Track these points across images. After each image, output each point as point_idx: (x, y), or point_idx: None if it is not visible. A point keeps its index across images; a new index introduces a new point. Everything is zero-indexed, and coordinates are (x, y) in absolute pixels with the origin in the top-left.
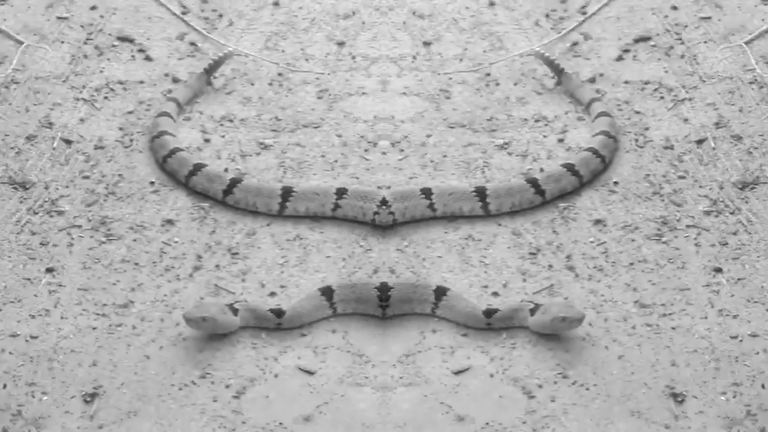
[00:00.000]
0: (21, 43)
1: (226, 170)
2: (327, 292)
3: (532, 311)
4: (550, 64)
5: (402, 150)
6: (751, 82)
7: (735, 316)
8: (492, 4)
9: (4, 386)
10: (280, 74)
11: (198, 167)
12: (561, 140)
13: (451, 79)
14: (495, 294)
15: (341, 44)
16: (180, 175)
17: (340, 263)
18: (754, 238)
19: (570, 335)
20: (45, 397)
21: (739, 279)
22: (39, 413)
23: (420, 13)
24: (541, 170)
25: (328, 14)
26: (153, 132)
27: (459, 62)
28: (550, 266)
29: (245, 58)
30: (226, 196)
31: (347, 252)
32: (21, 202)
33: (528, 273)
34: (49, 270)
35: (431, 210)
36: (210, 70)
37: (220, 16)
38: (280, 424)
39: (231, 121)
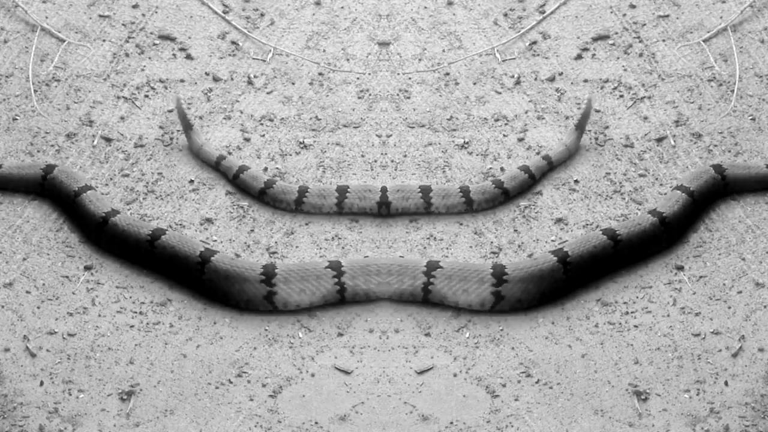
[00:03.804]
0: (62, 40)
1: (272, 174)
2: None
3: None
4: (586, 115)
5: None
6: (710, 80)
7: (697, 314)
8: (450, 3)
9: (41, 384)
10: (320, 74)
11: (303, 190)
12: (521, 139)
13: (410, 78)
14: None
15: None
16: (288, 200)
17: None
18: (715, 235)
19: (533, 334)
20: (82, 395)
21: (700, 277)
22: (75, 411)
23: (380, 12)
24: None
25: (369, 14)
26: (233, 170)
27: (418, 62)
28: None
29: (286, 58)
30: (340, 209)
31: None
32: None
33: None
34: (88, 268)
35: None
36: (186, 127)
37: (262, 15)
38: (316, 423)
39: (271, 120)
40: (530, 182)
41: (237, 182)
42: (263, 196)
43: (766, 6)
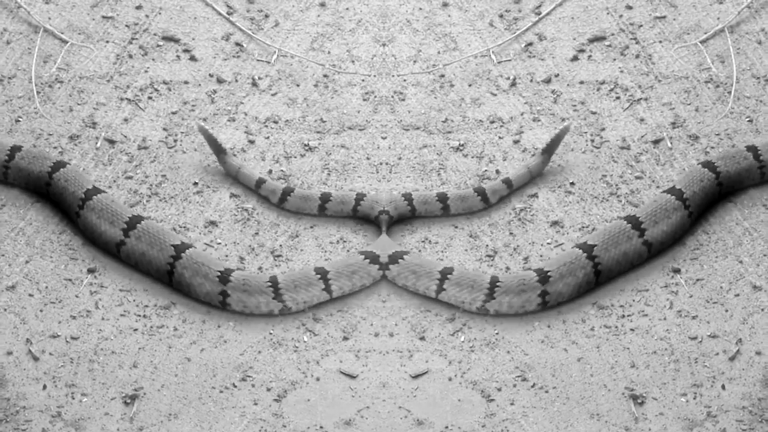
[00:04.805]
0: (65, 42)
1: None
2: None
3: None
4: (557, 141)
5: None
6: (706, 82)
7: (694, 317)
8: (446, 5)
9: (44, 387)
10: (325, 76)
11: (360, 197)
12: (516, 141)
13: (405, 80)
14: None
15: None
16: (346, 209)
17: None
18: (712, 238)
19: (529, 338)
20: (85, 399)
21: (697, 280)
22: (79, 414)
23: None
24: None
25: (374, 15)
26: (277, 193)
27: (413, 64)
28: (508, 268)
29: (291, 59)
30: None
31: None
32: None
33: None
34: (91, 270)
35: None
36: (219, 151)
37: (266, 16)
38: (321, 427)
39: (276, 122)
40: (482, 206)
41: (284, 206)
42: (324, 211)
43: (764, 7)
